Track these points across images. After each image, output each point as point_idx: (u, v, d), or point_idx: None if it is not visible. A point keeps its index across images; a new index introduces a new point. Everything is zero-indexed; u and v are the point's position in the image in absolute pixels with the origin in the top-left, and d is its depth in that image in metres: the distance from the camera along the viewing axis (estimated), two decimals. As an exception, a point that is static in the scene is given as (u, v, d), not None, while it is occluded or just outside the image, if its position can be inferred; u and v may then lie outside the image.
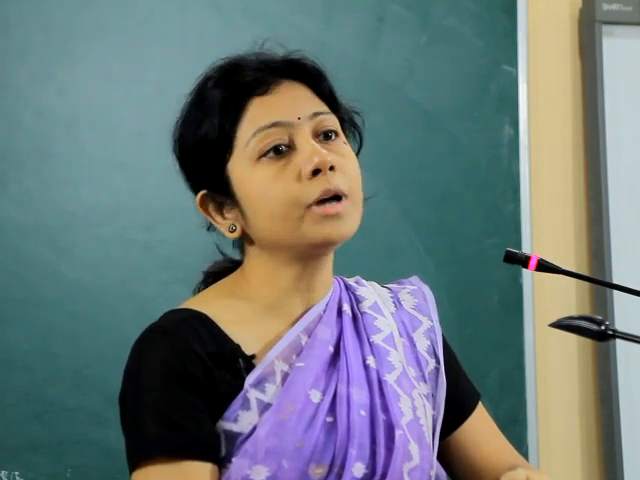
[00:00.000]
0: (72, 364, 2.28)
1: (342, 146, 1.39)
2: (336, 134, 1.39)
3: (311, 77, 1.41)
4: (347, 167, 1.37)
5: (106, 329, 2.29)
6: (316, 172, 1.33)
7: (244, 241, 1.42)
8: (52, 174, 2.33)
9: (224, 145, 1.36)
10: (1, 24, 2.33)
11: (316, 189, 1.33)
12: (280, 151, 1.34)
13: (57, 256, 2.30)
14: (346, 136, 1.44)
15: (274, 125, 1.35)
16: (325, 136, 1.38)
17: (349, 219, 1.35)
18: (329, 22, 2.56)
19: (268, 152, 1.34)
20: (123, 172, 2.36)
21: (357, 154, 1.46)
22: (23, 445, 2.23)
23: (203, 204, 1.41)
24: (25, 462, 2.23)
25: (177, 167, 1.43)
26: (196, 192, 1.42)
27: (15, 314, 2.27)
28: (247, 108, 1.36)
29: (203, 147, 1.38)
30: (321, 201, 1.33)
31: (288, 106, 1.36)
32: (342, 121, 1.44)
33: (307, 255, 1.37)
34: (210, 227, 1.44)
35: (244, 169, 1.36)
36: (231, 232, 1.40)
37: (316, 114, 1.37)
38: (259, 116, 1.35)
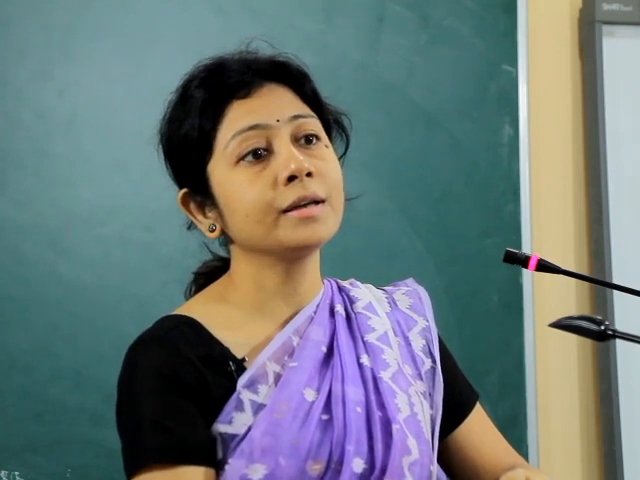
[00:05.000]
0: (72, 364, 2.28)
1: (323, 150, 1.39)
2: (317, 137, 1.39)
3: (294, 79, 1.41)
4: (327, 172, 1.36)
5: (106, 329, 2.29)
6: (292, 178, 1.33)
7: (228, 241, 1.43)
8: (52, 174, 2.33)
9: (204, 147, 1.37)
10: (1, 24, 2.33)
11: (291, 195, 1.33)
12: (259, 155, 1.35)
13: (57, 256, 2.30)
14: (331, 138, 1.44)
15: (252, 128, 1.35)
16: (306, 140, 1.38)
17: (326, 222, 1.35)
18: (329, 22, 2.55)
19: (246, 156, 1.35)
20: (123, 172, 2.36)
21: (343, 155, 1.46)
22: (23, 445, 2.23)
23: (184, 202, 1.43)
24: (25, 462, 2.23)
25: (162, 163, 1.44)
26: (180, 188, 1.43)
27: (15, 314, 2.27)
28: (227, 111, 1.37)
29: (184, 147, 1.39)
30: (297, 206, 1.33)
31: (267, 109, 1.37)
32: (327, 123, 1.44)
33: (287, 258, 1.37)
34: (190, 226, 1.45)
35: (223, 172, 1.36)
36: (211, 232, 1.41)
37: (296, 117, 1.37)
38: (238, 119, 1.36)
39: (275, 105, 1.37)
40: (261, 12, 2.49)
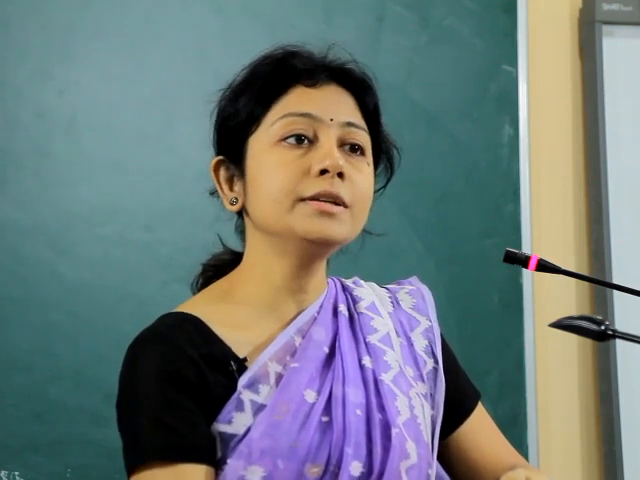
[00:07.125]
0: (72, 364, 2.28)
1: (363, 164, 1.39)
2: (362, 151, 1.39)
3: (358, 88, 1.43)
4: (358, 182, 1.36)
5: (106, 329, 2.29)
6: (323, 172, 1.33)
7: (245, 224, 1.43)
8: (52, 174, 2.33)
9: (253, 118, 1.38)
10: (1, 24, 2.33)
11: (316, 187, 1.33)
12: (301, 140, 1.36)
13: (57, 256, 2.30)
14: (376, 164, 1.45)
15: (304, 115, 1.36)
16: (351, 148, 1.38)
17: (342, 223, 1.35)
18: (329, 22, 2.56)
19: (289, 137, 1.36)
20: (123, 172, 2.36)
21: (383, 187, 1.47)
22: (23, 445, 2.23)
23: (216, 169, 1.43)
24: (25, 462, 2.23)
25: (211, 127, 1.44)
26: (217, 155, 1.44)
27: (15, 314, 2.27)
28: (289, 92, 1.38)
29: (235, 115, 1.40)
30: (318, 199, 1.33)
31: (326, 105, 1.38)
32: (378, 148, 1.45)
33: (299, 252, 1.37)
34: (214, 194, 1.46)
35: (262, 147, 1.37)
36: (231, 204, 1.41)
37: (349, 124, 1.38)
38: (295, 103, 1.37)
39: (334, 105, 1.39)
40: (261, 12, 2.49)
